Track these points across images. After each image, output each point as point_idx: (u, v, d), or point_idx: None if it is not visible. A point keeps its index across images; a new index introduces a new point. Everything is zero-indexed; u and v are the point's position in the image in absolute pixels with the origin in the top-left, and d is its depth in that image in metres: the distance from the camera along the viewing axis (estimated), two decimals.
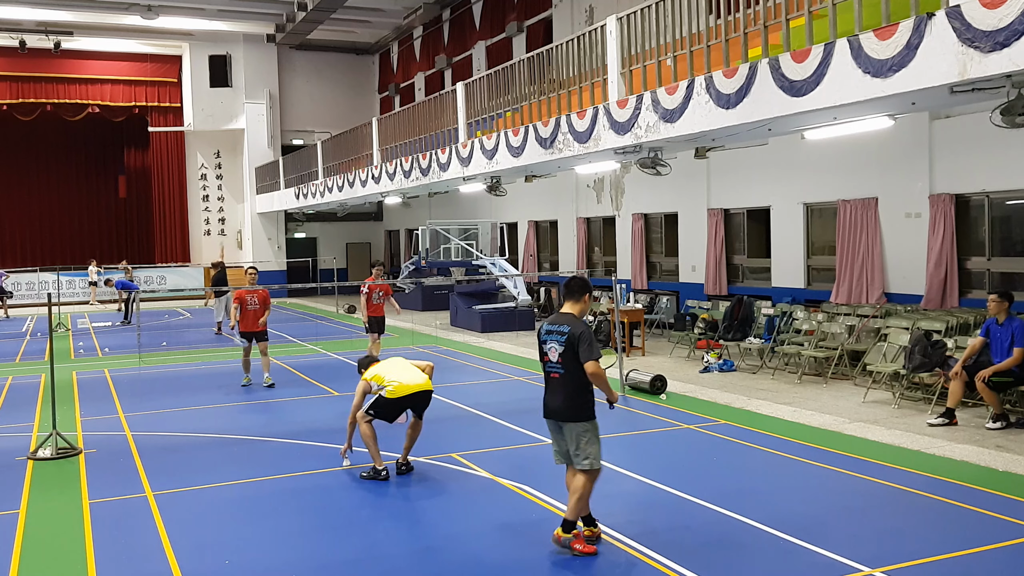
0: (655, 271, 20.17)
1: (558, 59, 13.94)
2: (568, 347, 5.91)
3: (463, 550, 6.25)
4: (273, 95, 34.36)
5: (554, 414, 6.09)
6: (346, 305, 27.38)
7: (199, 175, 35.10)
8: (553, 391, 6.08)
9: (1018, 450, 8.30)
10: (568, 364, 5.93)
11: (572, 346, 5.90)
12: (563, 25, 22.80)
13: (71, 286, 31.42)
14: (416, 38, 31.45)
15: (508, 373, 14.06)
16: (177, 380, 14.35)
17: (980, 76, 7.20)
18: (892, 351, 11.37)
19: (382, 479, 7.79)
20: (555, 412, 6.08)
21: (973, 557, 5.75)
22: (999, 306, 9.43)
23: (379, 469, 7.83)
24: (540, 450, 8.91)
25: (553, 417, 6.11)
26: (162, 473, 8.30)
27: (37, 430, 10.38)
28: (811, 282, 15.78)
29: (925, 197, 13.14)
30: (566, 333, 5.94)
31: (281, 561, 5.99)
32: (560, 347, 5.95)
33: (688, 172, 17.16)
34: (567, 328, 5.97)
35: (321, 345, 18.37)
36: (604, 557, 5.94)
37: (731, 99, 9.87)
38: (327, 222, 35.17)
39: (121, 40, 32.19)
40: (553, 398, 6.08)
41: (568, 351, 5.92)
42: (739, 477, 7.84)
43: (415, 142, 19.45)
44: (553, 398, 6.08)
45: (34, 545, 6.47)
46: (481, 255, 22.65)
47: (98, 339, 20.47)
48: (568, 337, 5.91)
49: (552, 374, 6.06)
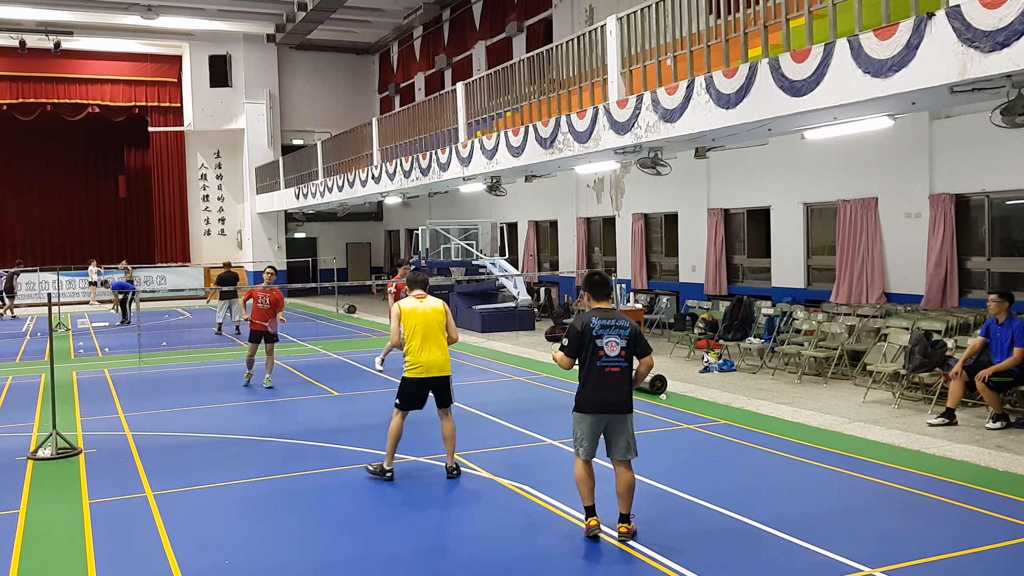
0: (655, 271, 20.18)
1: (558, 59, 13.95)
2: (631, 341, 6.02)
3: (463, 550, 6.25)
4: (273, 95, 34.36)
5: (616, 407, 6.07)
6: (346, 305, 27.39)
7: (199, 175, 35.10)
8: (613, 385, 6.04)
9: (1018, 450, 8.29)
10: (628, 358, 6.05)
11: (634, 340, 6.03)
12: (563, 25, 22.80)
13: (71, 286, 31.42)
14: (416, 38, 31.45)
15: (508, 373, 14.06)
16: (177, 380, 14.35)
17: (980, 76, 7.20)
18: (892, 351, 11.38)
19: (385, 479, 7.78)
20: (617, 405, 6.07)
21: (973, 557, 5.75)
22: (999, 306, 9.43)
23: (386, 469, 7.84)
24: (540, 450, 8.92)
25: (615, 411, 6.08)
26: (162, 473, 8.30)
27: (37, 430, 10.37)
28: (811, 282, 15.78)
29: (925, 197, 13.14)
30: (628, 327, 6.05)
31: (281, 561, 5.99)
32: (623, 341, 6.02)
33: (688, 172, 17.16)
34: (627, 323, 6.08)
35: (321, 345, 18.37)
36: (604, 557, 5.95)
37: (731, 99, 9.87)
38: (327, 222, 35.17)
39: (121, 40, 32.18)
40: (615, 392, 6.05)
41: (630, 346, 6.03)
42: (739, 477, 7.84)
43: (415, 142, 19.45)
44: (615, 392, 6.05)
45: (34, 545, 6.46)
46: (481, 255, 22.65)
47: (98, 339, 20.47)
48: (631, 331, 6.04)
49: (611, 368, 6.02)
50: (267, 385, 12.89)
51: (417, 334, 7.78)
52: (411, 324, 7.80)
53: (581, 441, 6.16)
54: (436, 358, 7.79)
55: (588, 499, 6.19)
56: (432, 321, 7.83)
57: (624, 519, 6.17)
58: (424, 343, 7.77)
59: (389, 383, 13.27)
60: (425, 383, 7.83)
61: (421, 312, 7.83)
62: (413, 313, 7.82)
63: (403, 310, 7.83)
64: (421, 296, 7.97)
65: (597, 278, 6.26)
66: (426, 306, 7.88)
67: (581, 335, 6.06)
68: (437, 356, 7.80)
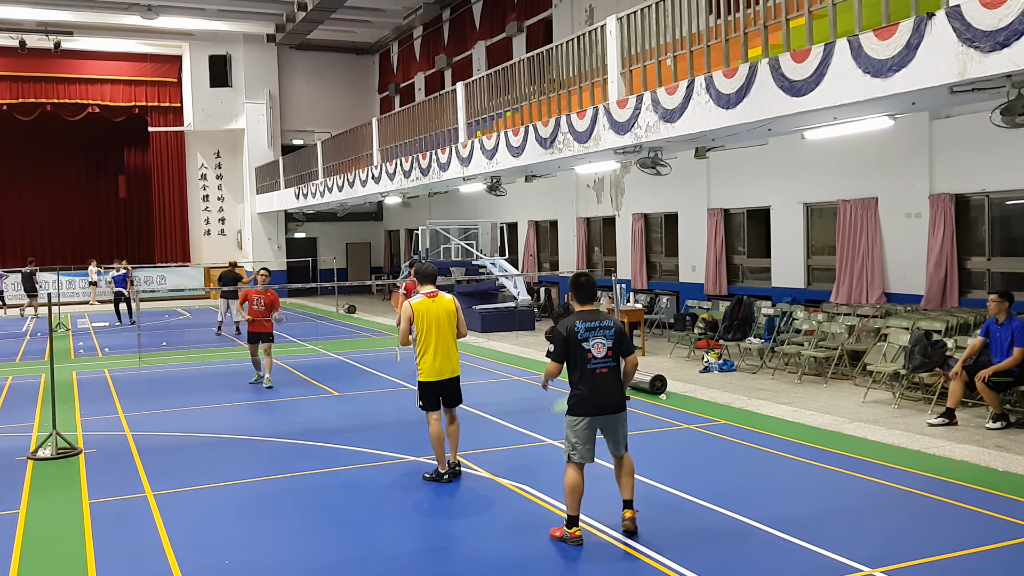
0: (655, 271, 20.18)
1: (558, 59, 13.95)
2: (617, 341, 6.14)
3: (463, 550, 6.26)
4: (273, 95, 34.37)
5: (612, 407, 6.17)
6: (346, 305, 27.40)
7: (199, 175, 35.10)
8: (606, 385, 6.13)
9: (1018, 450, 8.29)
10: (615, 358, 6.16)
11: (619, 340, 6.15)
12: (563, 25, 22.80)
13: (71, 286, 31.42)
14: (416, 38, 31.45)
15: (508, 373, 14.06)
16: (177, 380, 14.35)
17: (980, 76, 7.20)
18: (892, 351, 11.37)
19: (444, 481, 7.71)
20: (613, 405, 6.18)
21: (973, 557, 5.75)
22: (999, 306, 9.43)
23: (441, 472, 7.75)
24: (540, 450, 8.91)
25: (612, 411, 6.17)
26: (162, 473, 8.30)
27: (37, 430, 10.38)
28: (811, 282, 15.78)
29: (925, 197, 13.14)
30: (613, 327, 6.17)
31: (281, 561, 5.99)
32: (609, 342, 6.13)
33: (688, 172, 17.17)
34: (612, 323, 6.19)
35: (321, 345, 18.37)
36: (604, 557, 5.95)
37: (731, 99, 9.87)
38: (327, 222, 35.17)
39: (121, 40, 32.18)
40: (610, 392, 6.15)
41: (616, 345, 6.14)
42: (739, 477, 7.84)
43: (415, 142, 19.45)
44: (610, 392, 6.15)
45: (34, 545, 6.46)
46: (481, 255, 22.65)
47: (98, 339, 20.47)
48: (616, 331, 6.16)
49: (600, 369, 6.12)
50: (267, 385, 12.89)
51: (430, 336, 7.62)
52: (423, 325, 7.63)
53: (576, 445, 6.15)
54: (447, 360, 7.70)
55: (574, 509, 6.17)
56: (444, 322, 7.67)
57: (628, 505, 6.27)
58: (437, 346, 7.64)
59: (389, 383, 13.29)
60: (440, 385, 7.73)
61: (434, 313, 7.65)
62: (426, 314, 7.64)
63: (415, 311, 7.64)
64: (432, 294, 7.77)
65: (583, 279, 6.29)
66: (438, 305, 7.70)
67: (566, 340, 6.12)
68: (448, 358, 7.71)
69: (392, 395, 12.34)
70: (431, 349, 7.64)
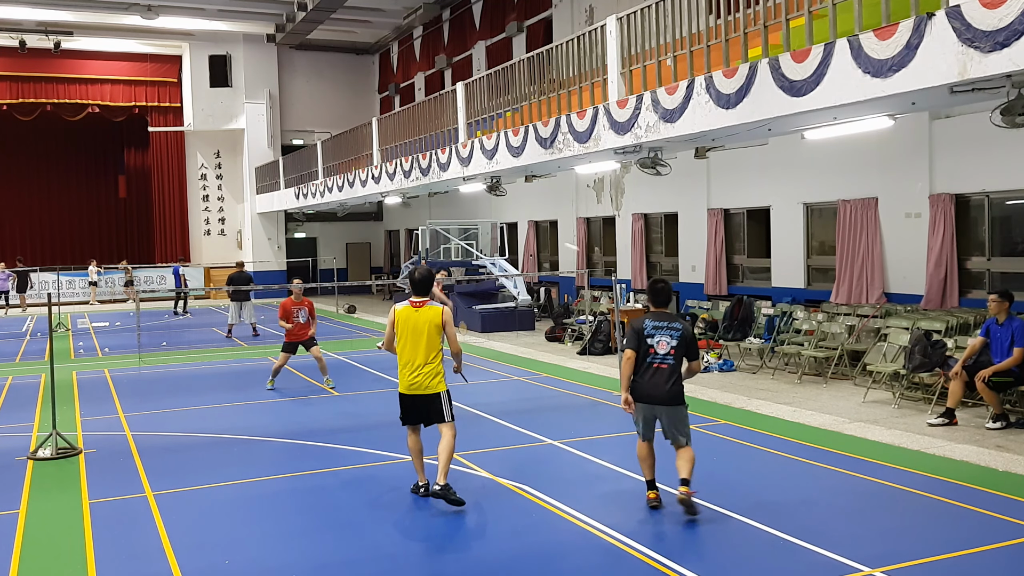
0: (655, 271, 20.17)
1: (558, 59, 13.94)
2: (681, 343, 6.73)
3: (463, 550, 6.26)
4: (273, 95, 34.36)
5: (660, 399, 6.74)
6: (346, 305, 27.40)
7: (199, 175, 35.09)
8: (660, 379, 6.72)
9: (1018, 450, 8.29)
10: (677, 357, 6.74)
11: (685, 343, 6.74)
12: (563, 25, 22.79)
13: (71, 286, 31.41)
14: (416, 38, 31.45)
15: (508, 373, 14.06)
16: (177, 380, 14.35)
17: (980, 76, 7.20)
18: (892, 351, 11.37)
19: (421, 495, 7.29)
20: (659, 397, 6.74)
21: (973, 557, 5.75)
22: (999, 306, 9.43)
23: (419, 485, 7.36)
24: (540, 450, 8.92)
25: (660, 402, 6.75)
26: (162, 473, 8.30)
27: (37, 430, 10.37)
28: (811, 282, 15.78)
29: (925, 197, 13.14)
30: (680, 330, 6.77)
31: (281, 561, 5.99)
32: (673, 341, 6.74)
33: (688, 172, 17.16)
34: (680, 327, 6.79)
35: (321, 345, 18.27)
36: (604, 556, 5.95)
37: (731, 99, 9.87)
38: (327, 222, 35.16)
39: (121, 40, 32.17)
40: (658, 386, 6.72)
41: (680, 347, 6.73)
42: (739, 477, 7.84)
43: (415, 142, 19.44)
44: (658, 386, 6.72)
45: (34, 545, 6.46)
46: (481, 255, 22.65)
47: (98, 339, 20.47)
48: (684, 335, 6.75)
49: (659, 364, 6.74)
50: (330, 385, 12.80)
51: (405, 347, 7.13)
52: (400, 333, 7.17)
53: (637, 423, 6.92)
54: (419, 376, 7.08)
55: (648, 474, 6.95)
56: (423, 334, 7.07)
57: (684, 482, 6.67)
58: (411, 356, 7.11)
59: (389, 383, 13.28)
60: (411, 400, 7.23)
61: (413, 322, 7.11)
62: (405, 322, 7.14)
63: (396, 317, 7.19)
64: (419, 303, 7.17)
65: (660, 285, 6.97)
66: (421, 316, 7.12)
67: (636, 334, 6.80)
68: (420, 372, 7.08)
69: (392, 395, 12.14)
70: (403, 360, 7.15)
